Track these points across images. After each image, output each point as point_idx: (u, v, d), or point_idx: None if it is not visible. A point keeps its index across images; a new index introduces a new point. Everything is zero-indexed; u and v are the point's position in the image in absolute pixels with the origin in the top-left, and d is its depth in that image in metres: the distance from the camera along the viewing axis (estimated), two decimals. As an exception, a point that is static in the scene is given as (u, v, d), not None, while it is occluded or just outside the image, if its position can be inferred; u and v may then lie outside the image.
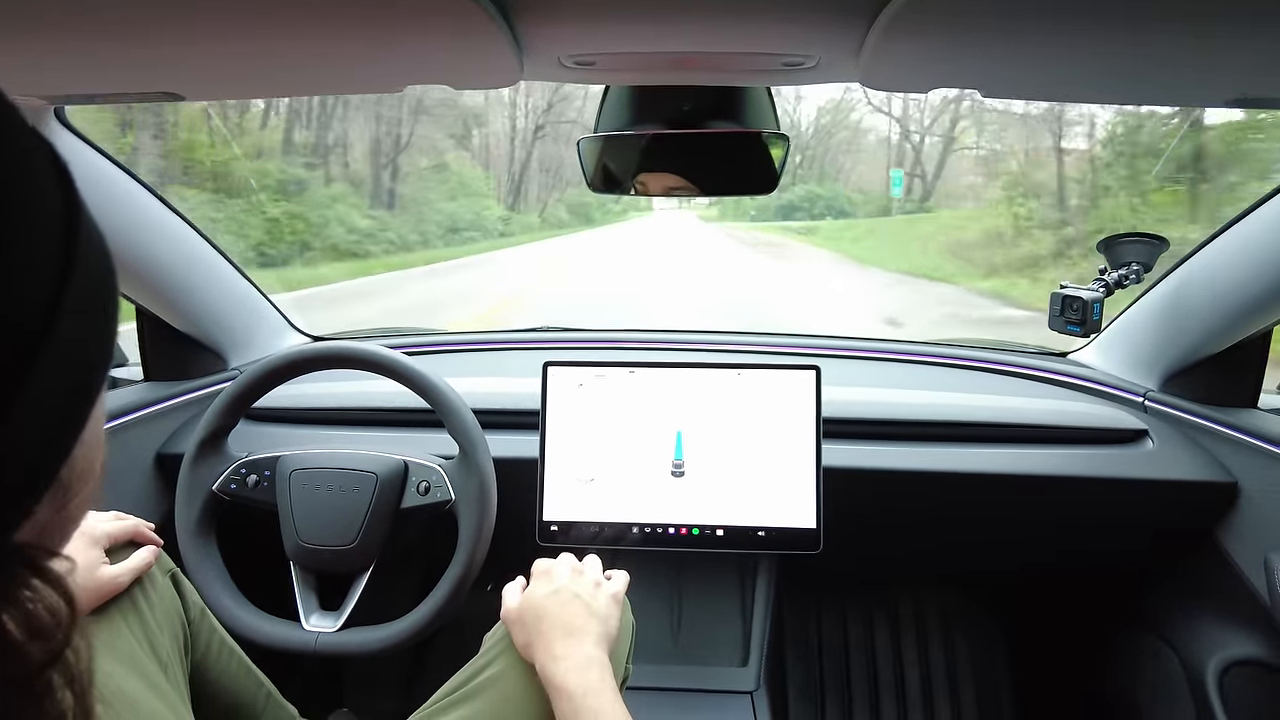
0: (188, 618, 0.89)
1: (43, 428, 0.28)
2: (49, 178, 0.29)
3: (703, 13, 0.60)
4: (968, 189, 22.82)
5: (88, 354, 0.30)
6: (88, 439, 0.32)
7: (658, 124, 0.89)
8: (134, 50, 0.65)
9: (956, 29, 0.57)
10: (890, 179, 25.06)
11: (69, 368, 0.28)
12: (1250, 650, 1.12)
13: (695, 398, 1.15)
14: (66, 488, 0.32)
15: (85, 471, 0.33)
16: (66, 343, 0.28)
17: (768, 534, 1.12)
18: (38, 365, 0.26)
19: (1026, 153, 16.11)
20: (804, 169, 30.73)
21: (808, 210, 26.24)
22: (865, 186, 28.56)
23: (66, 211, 0.29)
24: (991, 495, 1.23)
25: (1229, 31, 0.56)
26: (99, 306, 0.31)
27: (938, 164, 24.76)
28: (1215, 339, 1.16)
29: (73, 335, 0.28)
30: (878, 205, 25.37)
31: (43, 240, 0.28)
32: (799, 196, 26.91)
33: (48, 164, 0.29)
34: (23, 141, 0.28)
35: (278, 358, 1.08)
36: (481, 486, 1.03)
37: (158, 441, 1.25)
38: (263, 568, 1.11)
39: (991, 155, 21.93)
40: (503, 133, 26.08)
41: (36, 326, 0.26)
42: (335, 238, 12.76)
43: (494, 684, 0.80)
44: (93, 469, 0.34)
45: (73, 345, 0.28)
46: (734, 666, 1.21)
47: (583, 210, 27.92)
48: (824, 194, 27.21)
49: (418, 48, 0.65)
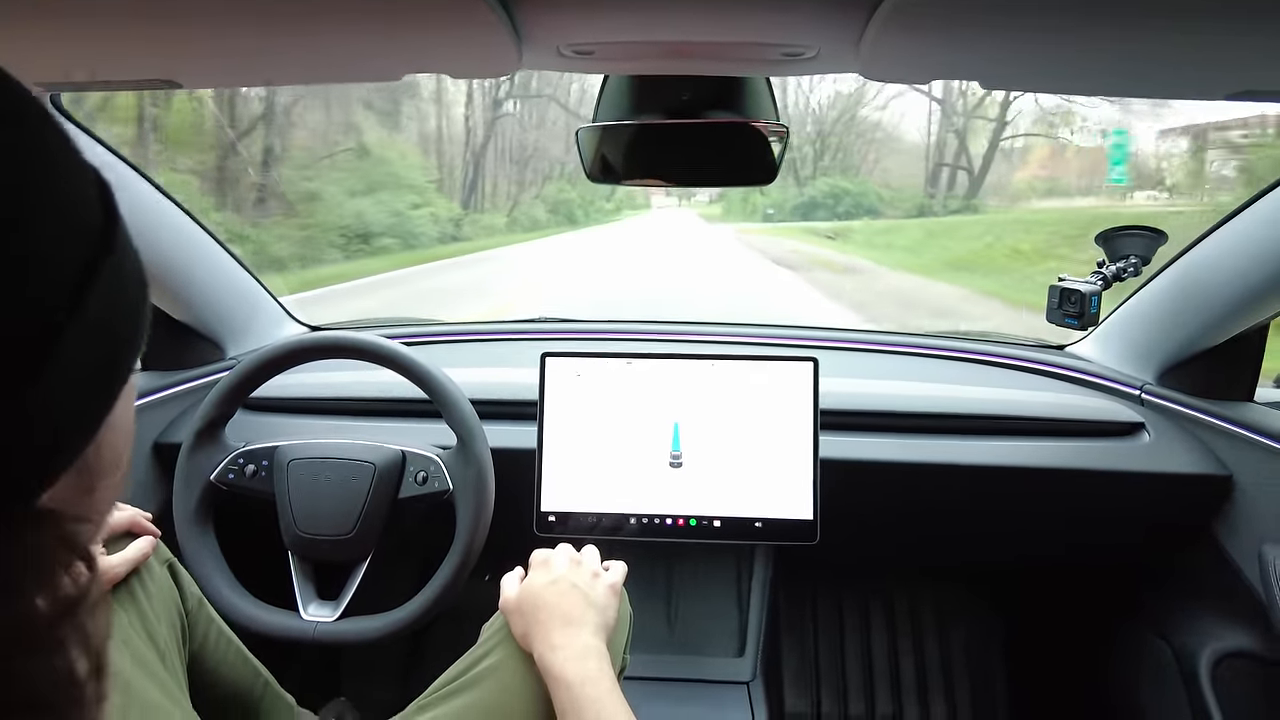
0: (185, 607, 0.89)
1: (72, 395, 0.29)
2: (85, 179, 0.31)
3: (702, 2, 0.60)
4: (1023, 185, 19.86)
5: (117, 332, 0.31)
6: (116, 424, 0.33)
7: (656, 114, 0.88)
8: (131, 37, 0.65)
9: (957, 19, 0.57)
10: (1109, 154, 15.36)
11: (99, 342, 0.30)
12: (1244, 642, 1.13)
13: (693, 389, 1.15)
14: (93, 471, 0.32)
15: (112, 460, 0.34)
16: (96, 320, 0.29)
17: (765, 525, 1.12)
18: (66, 336, 0.27)
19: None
20: (826, 161, 26.86)
21: (831, 208, 22.86)
22: (892, 180, 24.85)
23: (104, 206, 0.31)
24: (987, 487, 1.24)
25: (1229, 26, 0.56)
26: (133, 285, 0.33)
27: (986, 154, 21.38)
28: (1212, 332, 1.16)
29: (102, 313, 0.29)
30: (913, 203, 21.80)
31: (79, 217, 0.29)
32: (822, 192, 23.79)
33: (89, 173, 0.31)
34: (63, 140, 0.30)
35: (275, 347, 1.07)
36: (479, 476, 1.03)
37: (155, 431, 1.25)
38: (260, 557, 1.11)
39: (1056, 147, 19.69)
40: (459, 114, 22.32)
41: (64, 301, 0.28)
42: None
43: (492, 673, 0.80)
44: (119, 459, 0.35)
45: (102, 322, 0.29)
46: (730, 657, 1.22)
47: (565, 208, 24.71)
48: (851, 189, 23.60)
49: (416, 36, 0.65)
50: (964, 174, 22.29)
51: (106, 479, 0.34)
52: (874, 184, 24.54)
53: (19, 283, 0.26)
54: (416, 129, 20.68)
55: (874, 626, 1.68)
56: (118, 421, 0.33)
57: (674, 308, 7.83)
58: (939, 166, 23.03)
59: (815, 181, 24.53)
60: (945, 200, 21.43)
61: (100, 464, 0.33)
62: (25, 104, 0.29)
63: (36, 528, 0.28)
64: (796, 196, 24.66)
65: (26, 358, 0.26)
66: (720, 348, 1.53)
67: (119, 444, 0.34)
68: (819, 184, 23.98)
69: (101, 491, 0.34)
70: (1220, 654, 1.15)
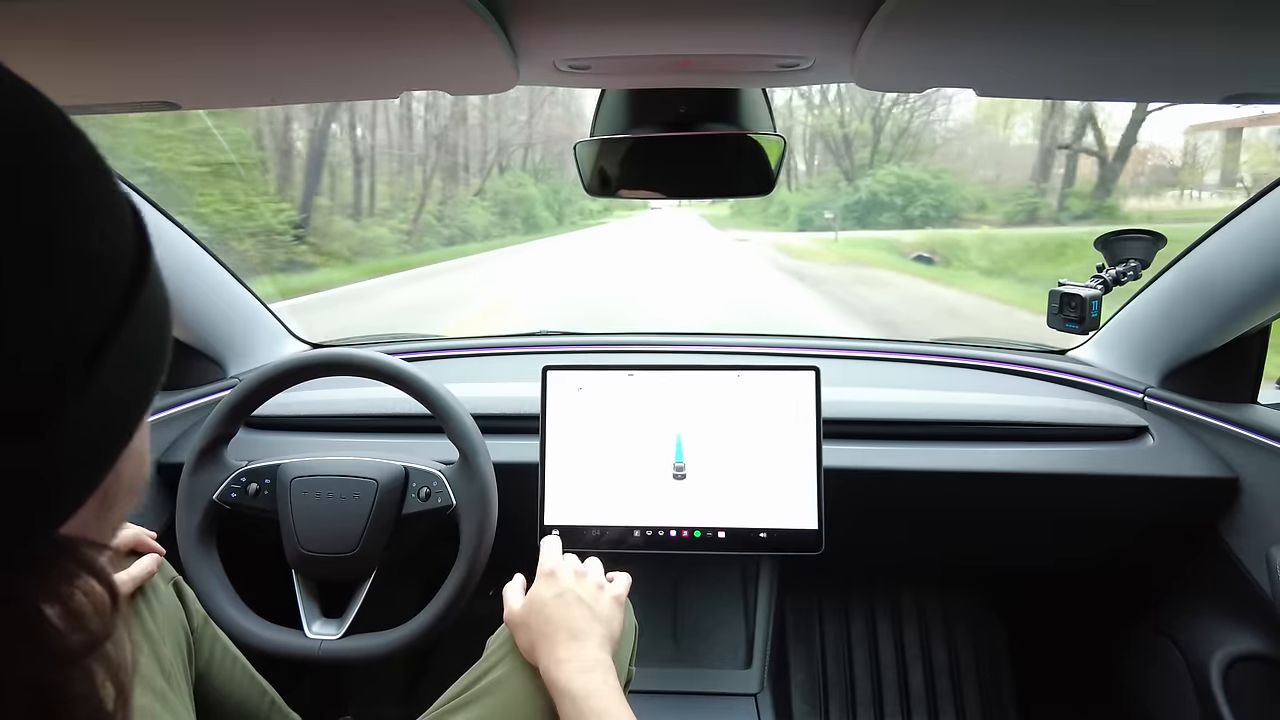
0: (191, 626, 0.89)
1: (86, 445, 0.29)
2: (124, 222, 0.31)
3: (697, 16, 0.60)
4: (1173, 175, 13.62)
5: (145, 366, 0.32)
6: (133, 451, 0.33)
7: (654, 127, 0.89)
8: (129, 59, 0.65)
9: (951, 28, 0.57)
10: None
11: (128, 379, 0.30)
12: (1254, 645, 1.12)
13: (695, 400, 1.15)
14: (112, 497, 0.33)
15: (130, 485, 0.34)
16: (105, 385, 0.29)
17: (769, 535, 1.12)
18: (71, 402, 0.27)
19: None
20: (893, 144, 18.53)
21: (899, 210, 16.28)
22: (979, 170, 17.76)
23: (138, 257, 0.31)
24: (992, 493, 1.23)
25: (1223, 30, 0.56)
26: (155, 336, 0.32)
27: (1127, 133, 14.31)
28: (1214, 335, 1.16)
29: (131, 349, 0.30)
30: (1018, 203, 15.24)
31: (108, 276, 0.29)
32: (888, 186, 16.93)
33: (126, 209, 0.31)
34: (108, 180, 0.30)
35: (276, 365, 1.08)
36: (482, 492, 1.03)
37: (157, 451, 1.25)
38: (265, 575, 1.11)
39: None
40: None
41: (79, 363, 0.28)
42: None
43: (497, 688, 0.80)
44: (136, 482, 0.35)
45: (112, 382, 0.29)
46: (737, 669, 1.21)
47: (523, 206, 17.43)
48: (928, 182, 16.34)
49: (413, 54, 0.65)
50: (1091, 161, 15.28)
51: (122, 504, 0.34)
52: (955, 175, 17.50)
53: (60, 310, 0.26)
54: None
55: (881, 635, 1.67)
56: (135, 449, 0.33)
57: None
58: (1052, 150, 16.12)
59: (875, 172, 18.11)
60: (1065, 199, 14.96)
61: (119, 490, 0.33)
62: (68, 142, 0.29)
63: (57, 556, 0.29)
64: (849, 194, 17.74)
65: (50, 396, 0.26)
66: (722, 358, 1.53)
67: (136, 470, 0.34)
68: (884, 178, 17.41)
69: (116, 514, 0.34)
70: (1231, 657, 1.14)
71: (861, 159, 20.65)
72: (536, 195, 19.29)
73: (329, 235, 12.89)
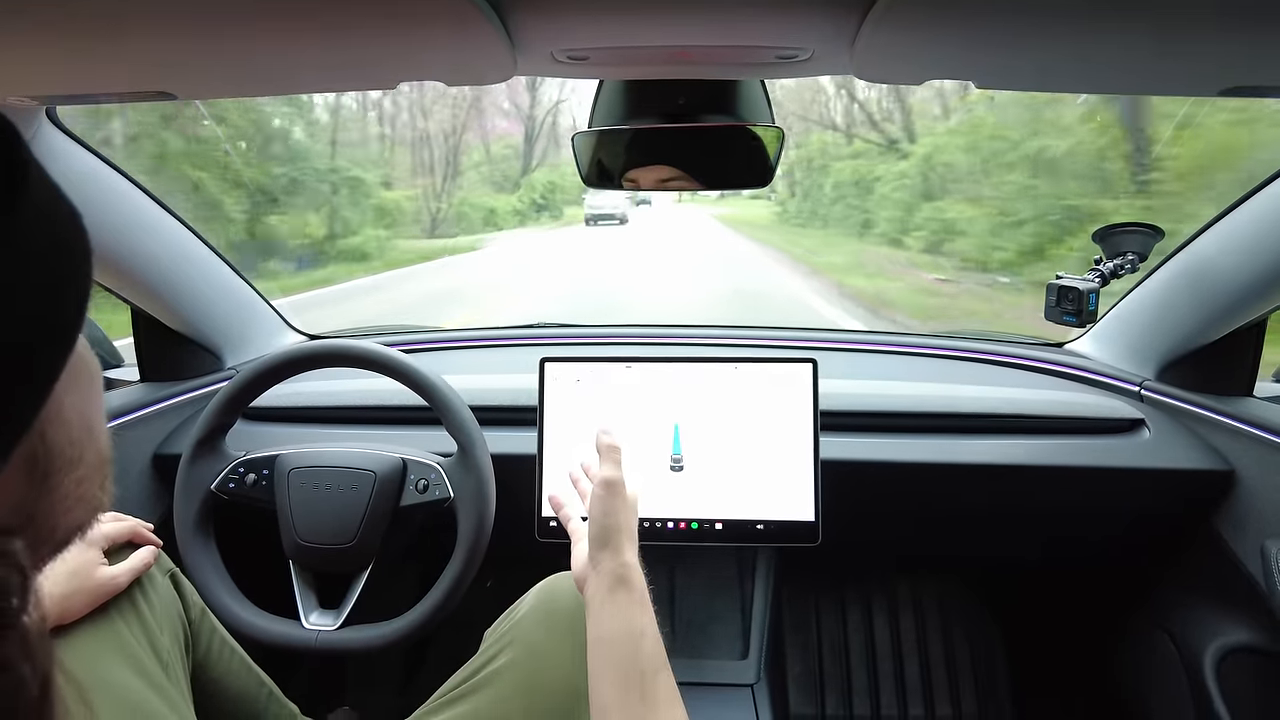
0: (188, 617, 0.89)
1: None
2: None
3: (696, 6, 0.60)
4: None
5: (22, 320, 0.27)
6: (67, 418, 0.31)
7: (652, 118, 0.89)
8: (126, 49, 0.65)
9: (949, 20, 0.57)
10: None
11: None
12: (1247, 637, 1.13)
13: (692, 392, 1.15)
14: (44, 466, 0.30)
15: (68, 454, 0.31)
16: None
17: (766, 527, 1.12)
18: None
19: None
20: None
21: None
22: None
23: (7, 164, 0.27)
24: (988, 486, 1.24)
25: (1219, 23, 0.56)
26: (49, 268, 0.28)
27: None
28: (1210, 328, 1.17)
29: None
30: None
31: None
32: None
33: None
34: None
35: (274, 356, 1.07)
36: (480, 483, 1.03)
37: (155, 442, 1.25)
38: (262, 566, 1.11)
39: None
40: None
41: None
42: None
43: (495, 680, 0.80)
44: (78, 453, 0.32)
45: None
46: (734, 659, 1.22)
47: (463, 219, 16.50)
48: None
49: (411, 45, 0.65)
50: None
51: (66, 476, 0.32)
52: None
53: None
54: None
55: (877, 626, 1.67)
56: (65, 418, 0.31)
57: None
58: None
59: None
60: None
61: (50, 456, 0.30)
62: None
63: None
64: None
65: None
66: (719, 350, 1.53)
67: (75, 438, 0.32)
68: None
69: (67, 489, 0.32)
70: (1225, 649, 1.15)
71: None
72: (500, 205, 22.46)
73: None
